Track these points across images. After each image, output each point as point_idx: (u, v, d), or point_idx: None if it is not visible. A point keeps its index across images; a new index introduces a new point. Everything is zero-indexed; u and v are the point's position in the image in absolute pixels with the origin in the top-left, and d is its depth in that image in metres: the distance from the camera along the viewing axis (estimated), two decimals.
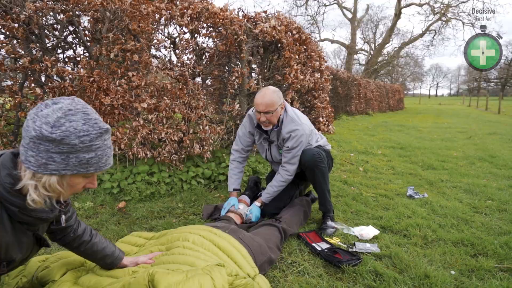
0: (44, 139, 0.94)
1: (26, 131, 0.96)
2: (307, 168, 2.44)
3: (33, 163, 0.97)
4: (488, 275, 1.95)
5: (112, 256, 1.48)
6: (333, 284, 1.84)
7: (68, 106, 0.98)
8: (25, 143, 0.97)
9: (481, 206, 3.08)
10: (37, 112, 0.97)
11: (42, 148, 0.95)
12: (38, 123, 0.95)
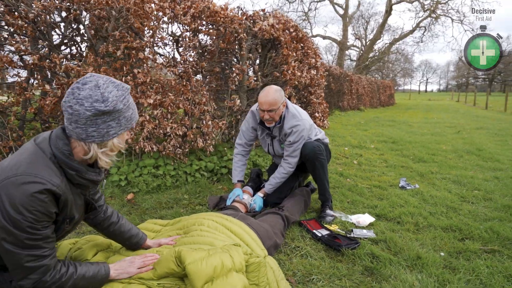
0: (101, 113, 1.11)
1: (76, 115, 1.10)
2: (308, 160, 2.60)
3: (97, 136, 1.14)
4: (473, 256, 2.14)
5: (137, 236, 1.62)
6: (334, 265, 2.00)
7: (97, 82, 1.12)
8: (80, 125, 1.11)
9: (468, 196, 3.29)
10: (76, 97, 1.10)
11: (99, 121, 1.12)
12: (87, 104, 1.09)
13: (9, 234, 1.04)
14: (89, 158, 1.19)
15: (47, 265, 1.13)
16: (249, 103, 3.98)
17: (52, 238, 1.15)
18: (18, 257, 1.07)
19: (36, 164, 1.09)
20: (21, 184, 1.04)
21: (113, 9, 3.21)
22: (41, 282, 1.12)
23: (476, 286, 1.81)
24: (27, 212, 1.03)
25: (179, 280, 1.37)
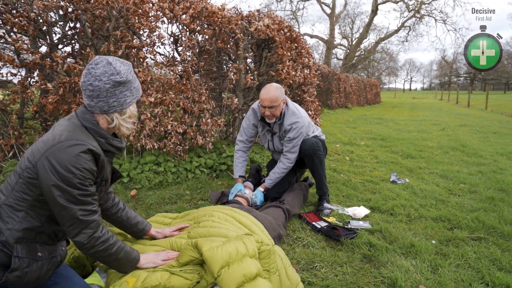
0: (117, 85, 1.29)
1: (98, 90, 1.27)
2: (306, 156, 2.73)
3: (117, 106, 1.32)
4: (462, 243, 2.30)
5: (143, 223, 1.74)
6: (335, 254, 2.14)
7: (108, 60, 1.29)
8: (102, 97, 1.28)
9: (455, 189, 3.48)
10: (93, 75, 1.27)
11: (117, 92, 1.31)
12: (105, 79, 1.27)
13: (63, 192, 1.18)
14: (112, 128, 1.36)
15: (97, 220, 1.28)
16: (245, 101, 4.09)
17: (96, 196, 1.31)
18: (73, 211, 1.20)
19: (76, 132, 1.25)
20: (67, 147, 1.19)
21: (113, 9, 3.26)
22: (93, 238, 1.26)
23: (465, 270, 1.97)
24: (76, 170, 1.18)
25: (199, 266, 1.47)
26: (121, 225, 1.70)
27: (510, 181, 3.74)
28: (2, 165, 3.11)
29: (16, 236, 1.19)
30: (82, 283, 1.45)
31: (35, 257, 1.23)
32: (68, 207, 1.20)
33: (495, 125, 9.35)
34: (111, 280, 1.46)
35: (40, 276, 1.25)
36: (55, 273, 1.39)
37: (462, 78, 68.94)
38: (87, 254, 1.32)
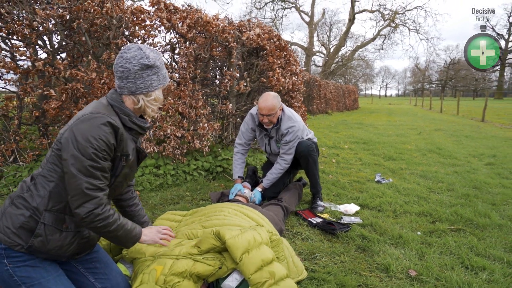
0: (145, 67, 1.39)
1: (127, 71, 1.38)
2: (302, 157, 2.94)
3: (144, 88, 1.42)
4: (443, 234, 2.56)
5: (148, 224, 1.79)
6: (332, 245, 2.34)
7: (139, 46, 1.41)
8: (131, 79, 1.39)
9: (434, 187, 3.78)
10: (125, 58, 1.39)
11: (145, 74, 1.40)
12: (135, 61, 1.38)
13: (77, 160, 1.24)
14: (138, 108, 1.46)
15: (101, 198, 1.29)
16: (238, 107, 4.27)
17: (108, 175, 1.35)
18: (80, 182, 1.25)
19: (99, 107, 1.36)
20: (89, 119, 1.28)
21: (113, 18, 3.38)
22: (93, 214, 1.27)
23: (448, 256, 2.22)
24: (94, 139, 1.26)
25: (219, 254, 1.63)
26: (130, 218, 1.72)
27: (482, 179, 4.08)
28: (3, 170, 3.15)
29: (46, 204, 1.30)
30: (118, 270, 1.59)
31: (60, 227, 1.33)
32: (77, 176, 1.24)
33: (467, 129, 9.93)
34: (139, 268, 1.60)
35: (63, 246, 1.34)
36: (96, 259, 1.53)
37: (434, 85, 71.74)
38: (87, 228, 1.37)
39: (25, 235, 1.28)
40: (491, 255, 2.22)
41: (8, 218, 1.30)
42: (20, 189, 1.36)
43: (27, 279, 1.28)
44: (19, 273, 1.28)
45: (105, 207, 1.32)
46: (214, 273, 1.57)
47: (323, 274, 1.95)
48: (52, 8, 3.19)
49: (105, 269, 1.53)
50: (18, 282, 1.27)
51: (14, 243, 1.27)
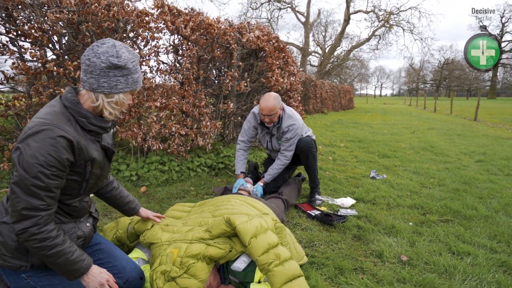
0: (113, 67, 1.29)
1: (93, 66, 1.27)
2: (302, 152, 3.11)
3: (106, 87, 1.31)
4: (433, 224, 2.75)
5: (134, 202, 1.83)
6: (330, 235, 2.51)
7: (114, 43, 1.31)
8: (95, 75, 1.28)
9: (426, 183, 3.97)
10: (94, 51, 1.28)
11: (111, 74, 1.30)
12: (103, 58, 1.27)
13: (20, 178, 1.18)
14: (96, 107, 1.35)
15: (39, 218, 1.21)
16: (238, 106, 4.43)
17: (53, 195, 1.25)
18: (19, 200, 1.19)
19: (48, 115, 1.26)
20: (36, 132, 1.20)
21: (120, 21, 3.53)
22: (28, 232, 1.20)
23: (436, 243, 2.40)
24: (41, 155, 1.18)
25: (228, 239, 1.79)
26: (114, 203, 1.79)
27: (472, 175, 4.29)
28: None
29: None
30: (123, 256, 1.70)
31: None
32: (17, 193, 1.19)
33: (459, 128, 10.18)
34: (156, 252, 1.76)
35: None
36: (99, 250, 1.63)
37: (429, 85, 72.37)
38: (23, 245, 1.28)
39: (24, 256, 1.32)
40: (476, 242, 2.41)
41: (1, 246, 1.31)
42: (0, 214, 1.36)
43: (50, 286, 1.38)
44: (40, 283, 1.37)
45: (44, 227, 1.23)
46: (225, 255, 1.73)
47: (322, 259, 2.12)
48: (62, 11, 3.33)
49: (109, 258, 1.62)
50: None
51: (17, 265, 1.32)
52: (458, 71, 58.54)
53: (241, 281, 1.79)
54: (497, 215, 2.95)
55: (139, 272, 1.72)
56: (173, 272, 1.61)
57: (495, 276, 1.96)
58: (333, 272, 1.99)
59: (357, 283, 1.87)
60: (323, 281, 1.89)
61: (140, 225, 1.93)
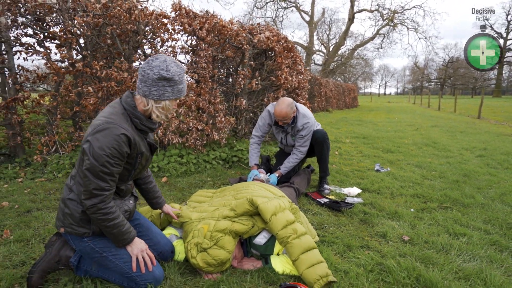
0: (162, 79, 1.55)
1: (147, 77, 1.55)
2: (318, 143, 3.36)
3: (156, 94, 1.58)
4: (433, 211, 2.98)
5: (161, 198, 2.09)
6: (338, 219, 2.76)
7: (165, 58, 1.57)
8: (147, 84, 1.56)
9: (428, 175, 4.20)
10: (149, 65, 1.55)
11: (160, 84, 1.56)
12: (155, 70, 1.54)
13: (91, 165, 1.46)
14: (146, 110, 1.63)
15: (105, 196, 1.52)
16: (250, 103, 4.69)
17: (115, 179, 1.55)
18: (90, 182, 1.48)
19: (112, 115, 1.55)
20: (103, 130, 1.48)
21: (141, 24, 3.80)
22: (95, 207, 1.50)
23: (436, 226, 2.64)
24: (108, 148, 1.46)
25: (250, 217, 2.05)
26: (146, 194, 2.05)
27: (472, 169, 4.51)
28: (47, 158, 3.57)
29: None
30: (158, 232, 2.00)
31: None
32: (89, 177, 1.47)
33: (462, 125, 10.36)
34: (188, 228, 2.02)
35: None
36: (139, 224, 1.92)
37: (433, 83, 72.18)
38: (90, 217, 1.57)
39: (86, 225, 1.62)
40: (471, 226, 2.65)
41: (69, 218, 1.61)
42: (66, 192, 1.65)
43: (105, 248, 1.67)
44: (98, 245, 1.66)
45: (108, 204, 1.54)
46: (248, 231, 1.99)
47: (332, 238, 2.37)
48: (88, 15, 3.60)
49: (147, 232, 1.91)
50: (100, 252, 1.66)
51: (81, 232, 1.62)
52: (463, 69, 58.32)
53: (262, 254, 2.05)
54: (493, 203, 3.18)
55: (171, 247, 2.00)
56: (204, 244, 1.87)
57: (487, 252, 2.20)
58: (342, 249, 2.24)
59: (364, 257, 2.12)
60: (334, 256, 2.14)
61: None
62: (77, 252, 1.74)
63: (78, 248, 1.66)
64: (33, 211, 2.66)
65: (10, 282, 1.69)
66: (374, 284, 1.81)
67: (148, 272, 1.67)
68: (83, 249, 1.65)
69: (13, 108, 3.47)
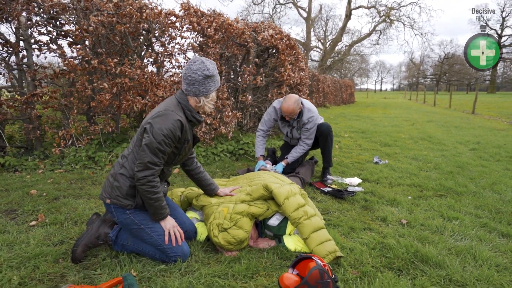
0: (206, 77, 1.88)
1: (194, 80, 1.86)
2: (323, 135, 3.59)
3: (204, 92, 1.91)
4: (429, 198, 3.22)
5: (214, 185, 2.41)
6: (341, 205, 2.99)
7: (201, 60, 1.87)
8: (196, 85, 1.87)
9: (423, 167, 4.44)
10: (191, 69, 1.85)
11: (206, 82, 1.89)
12: (199, 73, 1.85)
13: (150, 142, 1.75)
14: (199, 106, 1.96)
15: (155, 170, 1.80)
16: (254, 98, 4.89)
17: (165, 158, 1.83)
18: (146, 155, 1.76)
19: (170, 105, 1.87)
20: (163, 115, 1.79)
21: (152, 22, 3.98)
22: (146, 178, 1.77)
23: (431, 212, 2.87)
24: (165, 130, 1.76)
25: (264, 201, 2.27)
26: (200, 183, 2.36)
27: (465, 161, 4.76)
28: (65, 151, 3.76)
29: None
30: (183, 213, 2.23)
31: None
32: (146, 151, 1.75)
33: (457, 120, 10.64)
34: (209, 211, 2.24)
35: None
36: (168, 205, 2.13)
37: (429, 79, 72.68)
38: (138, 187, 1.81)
39: (131, 198, 1.88)
40: (463, 211, 2.89)
41: (117, 190, 1.86)
42: (117, 167, 1.91)
43: (144, 220, 1.91)
44: (138, 218, 1.90)
45: (156, 178, 1.82)
46: (263, 213, 2.21)
47: (337, 222, 2.60)
48: (103, 14, 3.78)
49: (174, 212, 2.14)
50: (138, 224, 1.89)
51: (125, 204, 1.87)
52: (458, 65, 58.83)
53: (275, 234, 2.27)
54: (484, 191, 3.42)
55: (194, 227, 2.23)
56: (225, 224, 2.08)
57: (477, 232, 2.44)
58: (346, 230, 2.46)
59: (367, 237, 2.34)
60: (340, 236, 2.36)
61: (190, 193, 2.41)
62: (115, 227, 1.97)
63: (119, 219, 1.89)
64: (60, 198, 2.87)
65: (55, 257, 1.90)
66: (376, 259, 2.04)
67: (178, 246, 1.89)
68: (124, 220, 1.88)
69: (32, 103, 3.65)
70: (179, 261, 1.89)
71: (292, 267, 1.71)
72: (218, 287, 1.72)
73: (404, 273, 1.90)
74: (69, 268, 1.81)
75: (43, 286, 1.65)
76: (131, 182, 1.87)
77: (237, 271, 1.85)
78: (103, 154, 3.71)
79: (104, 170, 3.58)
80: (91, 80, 3.81)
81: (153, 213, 1.89)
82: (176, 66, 4.13)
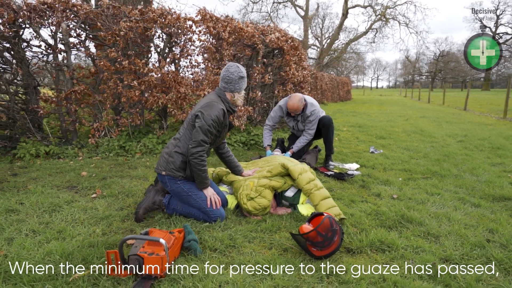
0: (241, 78, 2.51)
1: (231, 80, 2.48)
2: (324, 126, 4.12)
3: (238, 89, 2.54)
4: (417, 180, 3.77)
5: (239, 167, 2.96)
6: (343, 185, 3.53)
7: (236, 64, 2.50)
8: (233, 84, 2.49)
9: (414, 155, 5.00)
10: (230, 72, 2.47)
11: (240, 81, 2.52)
12: (236, 74, 2.48)
13: (202, 125, 2.30)
14: (233, 100, 2.56)
15: (205, 147, 2.34)
16: (263, 95, 5.42)
17: (213, 137, 2.42)
18: (199, 135, 2.30)
19: (215, 98, 2.46)
20: (212, 105, 2.37)
21: (173, 27, 4.49)
22: (198, 153, 2.30)
23: (418, 189, 3.42)
24: (214, 116, 2.33)
25: (282, 177, 2.80)
26: (229, 164, 2.91)
27: (452, 151, 5.32)
28: (98, 141, 4.27)
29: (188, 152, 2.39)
30: (216, 186, 2.74)
31: None
32: (199, 132, 2.30)
33: (449, 116, 11.23)
34: (237, 184, 2.77)
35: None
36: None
37: (424, 77, 73.47)
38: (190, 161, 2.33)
39: (183, 170, 2.41)
40: (445, 188, 3.44)
41: (172, 163, 2.40)
42: (171, 147, 2.45)
43: (191, 189, 2.43)
44: (186, 187, 2.42)
45: (205, 153, 2.36)
46: (281, 186, 2.75)
47: (339, 196, 3.15)
48: (131, 20, 4.28)
49: (211, 185, 2.65)
50: (187, 191, 2.41)
51: (177, 175, 2.40)
52: (453, 63, 59.62)
53: (290, 203, 2.80)
54: (464, 174, 3.98)
55: (225, 198, 2.75)
56: (252, 194, 2.62)
57: (454, 203, 2.99)
58: (348, 202, 3.01)
59: (364, 206, 2.89)
60: (342, 206, 2.91)
61: (220, 171, 2.96)
62: (167, 195, 2.50)
63: (172, 188, 2.42)
64: (107, 178, 3.39)
65: (122, 218, 2.43)
66: (372, 221, 2.58)
67: (217, 209, 2.43)
68: (176, 189, 2.41)
69: (70, 99, 4.15)
70: (218, 220, 2.42)
71: (308, 222, 2.25)
72: (252, 237, 2.25)
73: (393, 230, 2.44)
74: (135, 225, 2.34)
75: (120, 236, 2.18)
76: (183, 158, 2.39)
77: (264, 228, 2.39)
78: (133, 143, 4.23)
79: (135, 157, 4.10)
80: (122, 79, 4.31)
81: (199, 182, 2.41)
82: (195, 66, 4.64)
